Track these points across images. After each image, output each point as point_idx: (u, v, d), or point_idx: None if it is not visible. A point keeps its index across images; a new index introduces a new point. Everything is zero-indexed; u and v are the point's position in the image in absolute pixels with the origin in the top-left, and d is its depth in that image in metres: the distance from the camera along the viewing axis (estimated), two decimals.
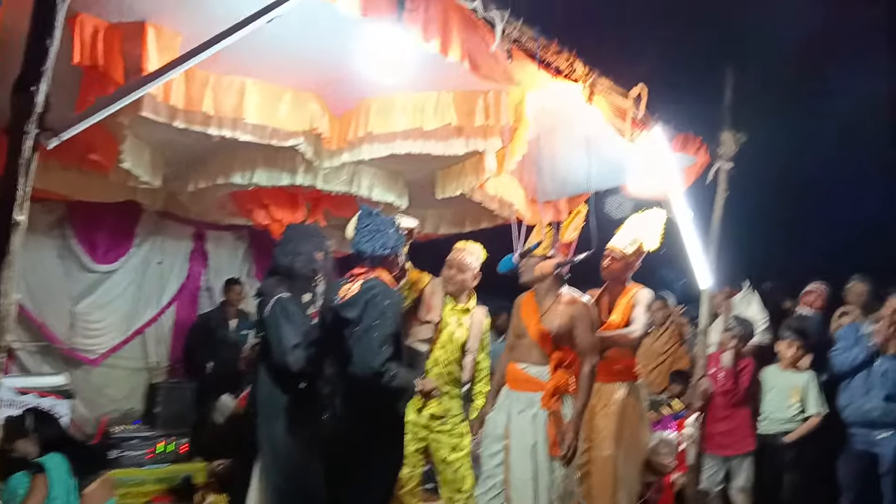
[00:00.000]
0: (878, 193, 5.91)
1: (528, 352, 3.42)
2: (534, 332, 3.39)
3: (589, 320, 3.38)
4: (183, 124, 3.46)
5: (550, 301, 3.42)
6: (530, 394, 3.34)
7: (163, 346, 6.03)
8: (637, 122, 3.92)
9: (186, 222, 6.05)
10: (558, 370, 3.33)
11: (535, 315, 3.42)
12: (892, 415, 4.28)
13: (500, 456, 3.37)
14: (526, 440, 3.30)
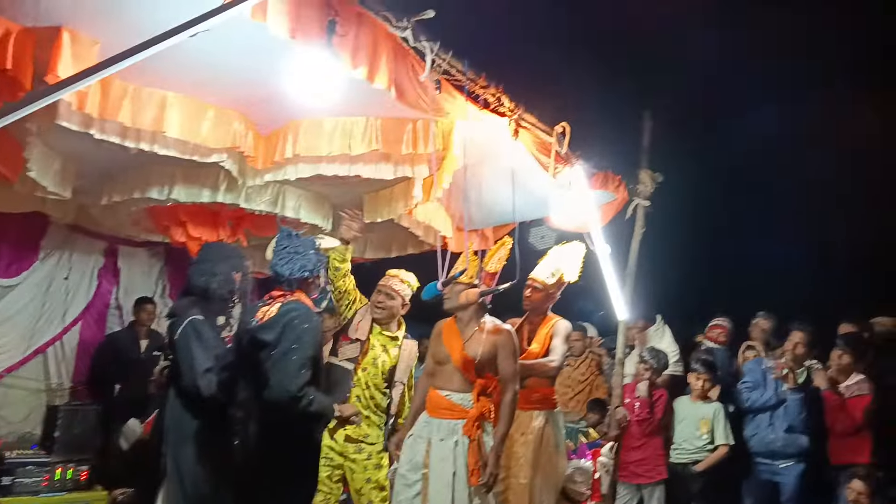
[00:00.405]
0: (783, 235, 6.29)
1: (450, 378, 3.41)
2: (457, 359, 3.39)
3: (511, 348, 3.43)
4: (98, 134, 3.33)
5: (473, 329, 3.45)
6: (452, 421, 3.33)
7: (65, 366, 5.70)
8: (560, 158, 4.04)
9: (98, 237, 5.78)
10: (482, 398, 3.34)
11: (458, 342, 3.43)
12: (794, 446, 4.51)
13: (418, 485, 3.32)
14: (446, 469, 3.28)
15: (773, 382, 4.67)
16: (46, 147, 3.83)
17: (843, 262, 5.80)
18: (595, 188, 4.56)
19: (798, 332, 4.61)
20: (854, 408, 4.45)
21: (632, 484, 4.76)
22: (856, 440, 4.45)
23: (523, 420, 3.98)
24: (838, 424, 4.46)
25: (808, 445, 4.50)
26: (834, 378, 4.59)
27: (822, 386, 4.54)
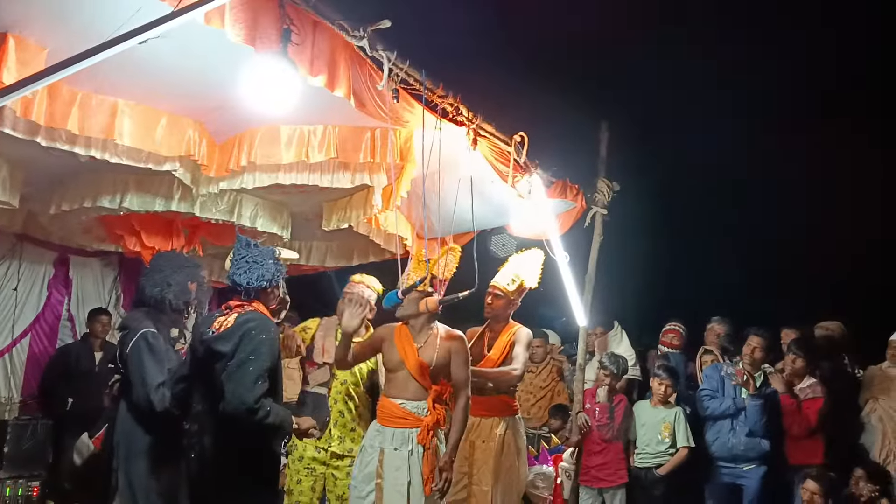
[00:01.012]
0: (733, 242, 6.46)
1: (404, 386, 3.35)
2: (412, 366, 3.34)
3: (464, 355, 3.42)
4: (45, 142, 3.24)
5: (426, 335, 3.42)
6: (406, 430, 3.29)
7: (14, 379, 5.53)
8: (518, 167, 4.08)
9: (48, 246, 5.63)
10: (437, 405, 3.32)
11: (412, 348, 3.38)
12: (756, 450, 4.59)
13: (371, 496, 3.28)
14: (400, 478, 3.24)
15: (731, 390, 4.75)
16: None
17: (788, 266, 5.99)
18: (553, 197, 4.60)
19: (755, 337, 4.69)
20: (808, 410, 4.57)
21: (593, 488, 4.79)
22: (810, 442, 4.57)
23: (484, 427, 4.00)
24: (794, 427, 4.56)
25: (769, 449, 4.59)
26: (790, 381, 4.71)
27: (780, 389, 4.64)
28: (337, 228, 4.53)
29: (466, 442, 4.00)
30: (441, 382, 3.36)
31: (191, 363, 3.09)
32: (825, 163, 5.85)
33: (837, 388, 4.79)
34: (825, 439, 4.58)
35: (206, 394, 2.95)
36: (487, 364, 4.02)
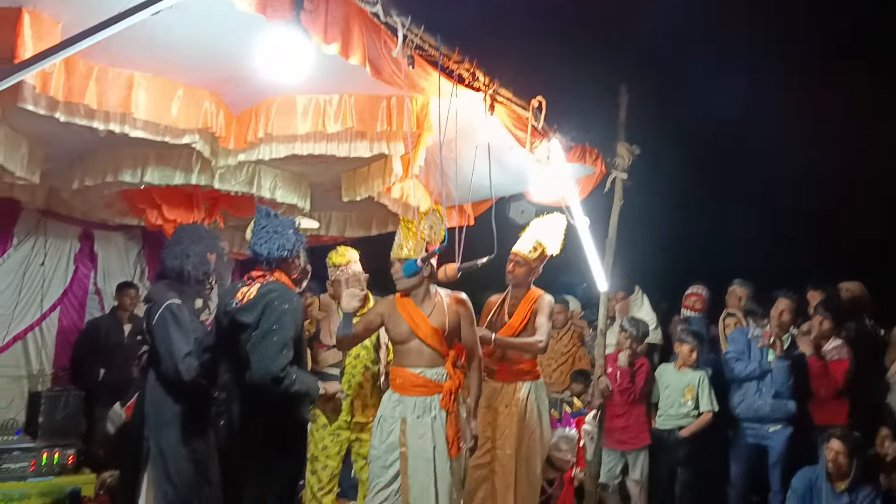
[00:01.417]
0: (757, 204, 6.36)
1: (419, 355, 3.34)
2: (426, 334, 3.32)
3: (471, 317, 3.44)
4: (64, 117, 3.25)
5: (431, 302, 3.38)
6: (427, 398, 3.30)
7: (46, 352, 5.67)
8: (536, 133, 4.02)
9: (72, 221, 5.71)
10: (456, 369, 3.33)
11: (420, 316, 3.35)
12: (782, 411, 4.59)
13: (396, 465, 3.29)
14: (425, 446, 3.26)
15: (757, 352, 4.74)
16: (12, 130, 3.75)
17: (809, 229, 5.89)
18: (572, 162, 4.55)
19: (783, 300, 4.67)
20: (835, 371, 4.55)
21: (616, 451, 4.83)
22: (835, 402, 4.56)
23: (507, 392, 4.03)
24: (822, 389, 4.55)
25: (795, 410, 4.58)
26: (817, 343, 4.68)
27: (808, 352, 4.62)
28: (357, 199, 4.53)
29: (489, 407, 4.04)
30: (455, 346, 3.39)
31: (216, 333, 3.14)
32: (848, 126, 5.71)
33: (862, 348, 4.76)
34: (850, 400, 4.56)
35: (232, 363, 3.01)
36: (508, 331, 4.04)
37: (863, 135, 5.66)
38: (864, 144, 5.66)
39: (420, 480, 3.25)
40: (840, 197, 5.87)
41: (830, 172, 5.68)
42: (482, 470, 3.98)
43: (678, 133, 5.84)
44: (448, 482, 3.28)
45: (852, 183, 5.74)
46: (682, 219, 6.24)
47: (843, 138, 5.63)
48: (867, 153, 5.64)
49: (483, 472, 3.98)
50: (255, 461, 2.95)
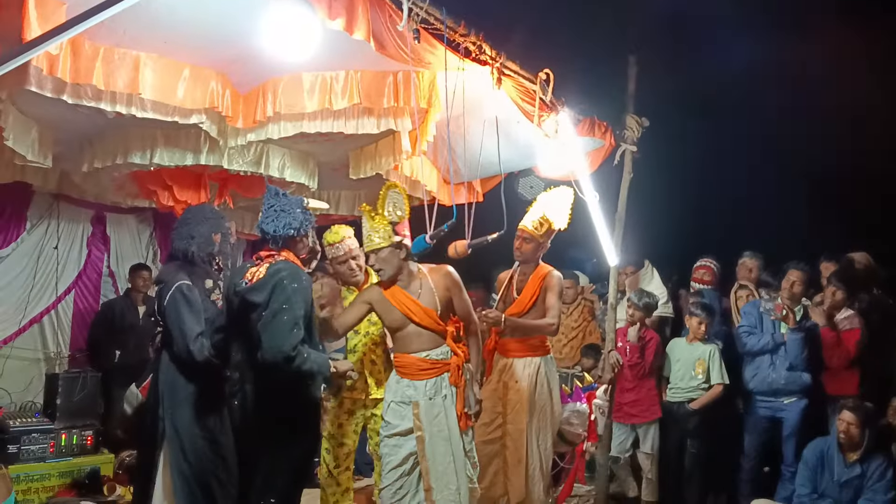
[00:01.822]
0: (767, 174, 6.28)
1: (419, 339, 3.33)
2: (421, 318, 3.30)
3: (459, 285, 3.39)
4: (72, 99, 3.26)
5: (417, 283, 3.35)
6: (435, 378, 3.32)
7: (62, 335, 5.75)
8: (544, 106, 3.99)
9: (84, 204, 5.75)
10: (457, 344, 3.35)
11: (411, 301, 3.31)
12: (797, 383, 4.59)
13: (408, 447, 3.31)
14: (441, 426, 3.29)
15: (769, 326, 4.72)
16: (21, 115, 3.77)
17: (823, 199, 5.82)
18: (581, 135, 4.52)
19: (795, 271, 4.64)
20: (848, 341, 4.54)
21: (626, 424, 4.86)
22: (846, 373, 4.56)
23: (517, 367, 4.05)
24: (834, 359, 4.55)
25: (810, 382, 4.58)
26: (829, 314, 4.66)
27: (821, 322, 4.60)
28: (364, 176, 4.52)
29: (500, 382, 4.06)
30: (451, 320, 3.38)
31: (227, 314, 3.17)
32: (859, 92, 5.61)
33: (875, 319, 4.74)
34: (861, 370, 4.55)
35: (243, 343, 3.03)
36: (517, 307, 4.04)
37: (879, 102, 5.56)
38: (882, 112, 5.56)
39: (440, 461, 3.28)
40: (855, 166, 5.79)
41: (847, 142, 5.60)
42: (493, 445, 4.01)
43: (688, 104, 5.76)
44: (463, 458, 3.32)
45: (870, 151, 5.65)
46: (693, 191, 6.18)
47: (860, 107, 5.53)
48: (886, 121, 5.54)
49: (494, 448, 4.02)
50: (268, 439, 2.98)
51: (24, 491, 4.44)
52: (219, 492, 3.12)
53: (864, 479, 4.20)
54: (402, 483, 3.33)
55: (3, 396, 5.24)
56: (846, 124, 5.59)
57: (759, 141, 6.13)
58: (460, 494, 3.28)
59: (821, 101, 5.62)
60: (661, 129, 5.07)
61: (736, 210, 6.21)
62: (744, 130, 6.03)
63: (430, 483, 3.27)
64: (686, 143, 5.85)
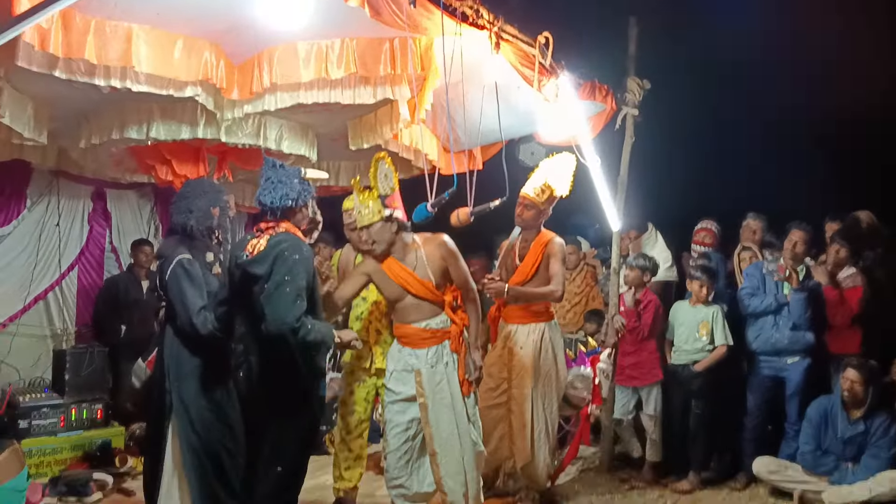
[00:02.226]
0: (769, 136, 6.21)
1: (417, 310, 3.36)
2: (417, 290, 3.33)
3: (454, 253, 3.38)
4: (65, 74, 3.22)
5: (412, 254, 3.36)
6: (436, 346, 3.36)
7: (67, 311, 5.79)
8: (544, 70, 3.94)
9: (83, 181, 5.73)
10: (456, 311, 3.38)
11: (406, 273, 3.33)
12: (800, 343, 4.59)
13: (411, 413, 3.37)
14: (443, 393, 3.34)
15: (772, 286, 4.71)
16: (16, 92, 3.73)
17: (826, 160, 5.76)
18: (582, 99, 4.46)
19: (797, 231, 4.62)
20: (850, 299, 4.54)
21: (628, 387, 4.89)
22: (849, 331, 4.56)
23: (521, 333, 4.07)
24: (837, 317, 4.54)
25: (813, 341, 4.59)
26: (832, 272, 4.65)
27: (823, 281, 4.59)
28: (364, 147, 4.49)
29: (505, 349, 4.09)
30: (447, 289, 3.40)
31: (229, 286, 3.17)
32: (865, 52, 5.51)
33: (878, 276, 4.73)
34: (864, 328, 4.56)
35: (246, 315, 3.03)
36: (520, 275, 4.05)
37: (883, 63, 5.47)
38: (883, 70, 5.47)
39: (444, 427, 3.33)
40: (857, 125, 5.72)
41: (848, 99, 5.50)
42: (499, 410, 4.06)
43: (690, 66, 5.66)
44: (466, 423, 3.36)
45: (873, 110, 5.56)
46: (696, 153, 6.11)
47: (861, 66, 5.45)
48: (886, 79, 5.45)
49: (500, 412, 4.06)
50: (275, 410, 3.00)
51: (37, 465, 4.51)
52: (227, 462, 3.15)
53: (868, 436, 4.25)
54: (407, 448, 3.40)
55: (12, 373, 5.29)
56: (851, 83, 5.51)
57: (762, 102, 6.04)
58: (464, 459, 3.34)
59: (825, 62, 5.52)
60: (662, 92, 5.00)
61: (741, 171, 6.14)
62: (747, 91, 5.94)
63: (434, 448, 3.34)
64: (688, 105, 5.76)
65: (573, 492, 4.52)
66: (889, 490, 4.01)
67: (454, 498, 3.33)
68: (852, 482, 4.17)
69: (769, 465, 4.45)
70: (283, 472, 2.94)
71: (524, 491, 4.10)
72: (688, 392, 4.72)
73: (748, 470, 4.59)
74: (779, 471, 4.42)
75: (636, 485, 4.65)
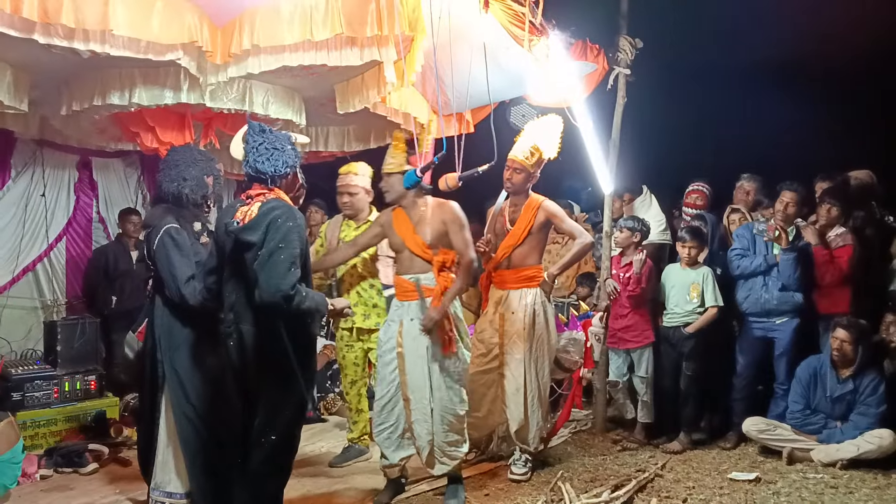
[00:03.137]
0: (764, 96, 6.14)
1: (410, 263, 3.59)
2: (412, 245, 3.54)
3: (459, 221, 3.54)
4: (43, 38, 3.13)
5: (419, 213, 3.57)
6: (418, 301, 3.52)
7: (57, 282, 5.74)
8: (534, 29, 3.85)
9: (68, 150, 5.64)
10: (442, 273, 3.50)
11: (409, 227, 3.56)
12: (789, 303, 4.62)
13: (394, 363, 3.59)
14: (418, 345, 3.52)
15: (762, 247, 4.71)
16: None
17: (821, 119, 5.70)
18: (573, 59, 4.38)
19: (788, 192, 4.60)
20: (840, 258, 4.54)
21: (621, 350, 4.92)
22: (838, 290, 4.58)
23: (513, 298, 4.07)
24: (827, 276, 4.55)
25: (801, 301, 4.61)
26: (822, 232, 4.65)
27: (813, 242, 4.59)
28: (352, 111, 4.41)
29: (496, 314, 4.09)
30: (441, 251, 3.52)
31: (218, 254, 3.11)
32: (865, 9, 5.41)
33: (868, 235, 4.73)
34: (853, 287, 4.58)
35: (238, 284, 2.98)
36: (511, 239, 4.04)
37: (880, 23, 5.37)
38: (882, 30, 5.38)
39: (416, 377, 3.55)
40: (853, 82, 5.65)
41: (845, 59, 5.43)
42: (491, 374, 4.08)
43: (683, 23, 5.55)
44: (440, 377, 3.53)
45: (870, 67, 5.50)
46: (689, 113, 6.04)
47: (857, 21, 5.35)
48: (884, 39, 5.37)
49: (492, 377, 4.08)
50: (268, 378, 2.96)
51: (32, 436, 4.52)
52: (222, 430, 3.16)
53: (857, 395, 4.30)
54: (389, 398, 3.63)
55: (3, 345, 5.27)
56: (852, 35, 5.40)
57: (758, 59, 5.94)
58: (433, 411, 3.54)
59: (825, 16, 5.41)
60: (655, 51, 4.91)
61: (735, 132, 6.09)
62: (742, 49, 5.83)
63: (406, 394, 3.57)
64: (681, 64, 5.68)
65: (566, 454, 4.57)
66: (877, 447, 4.08)
67: (420, 443, 3.58)
68: (840, 441, 4.23)
69: (758, 425, 4.50)
70: (276, 440, 2.93)
71: (517, 454, 4.14)
72: (679, 354, 4.75)
73: (738, 430, 4.65)
74: (768, 430, 4.47)
75: (628, 445, 4.71)
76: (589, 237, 4.11)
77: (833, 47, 5.45)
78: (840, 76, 5.68)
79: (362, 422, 4.35)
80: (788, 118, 5.67)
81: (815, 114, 5.61)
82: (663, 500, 3.72)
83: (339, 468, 4.24)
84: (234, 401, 3.17)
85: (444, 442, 3.59)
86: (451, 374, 3.56)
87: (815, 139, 5.65)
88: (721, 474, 4.14)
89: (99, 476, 4.11)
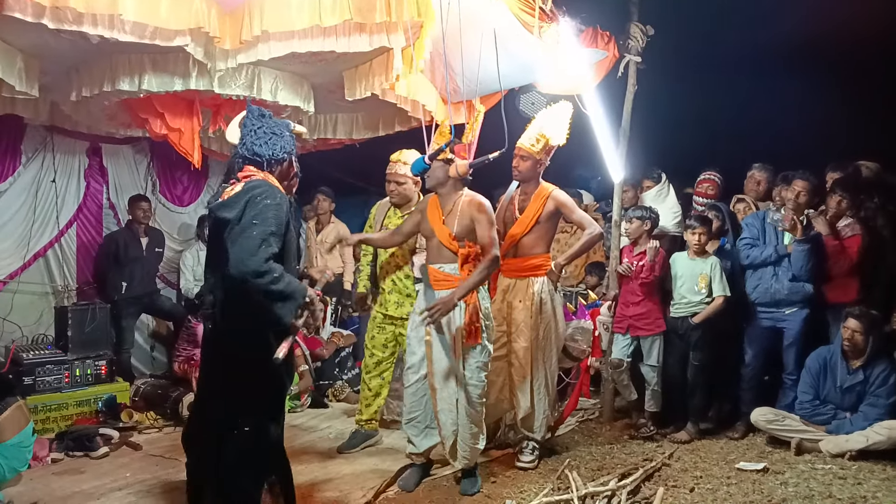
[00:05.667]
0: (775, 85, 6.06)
1: (438, 252, 3.62)
2: (440, 234, 3.57)
3: (487, 218, 3.54)
4: (52, 23, 3.13)
5: (452, 203, 3.59)
6: (447, 290, 3.51)
7: (67, 268, 5.78)
8: (545, 16, 3.82)
9: (78, 136, 5.65)
10: (466, 265, 3.51)
11: (439, 217, 3.59)
12: (799, 294, 4.59)
13: (422, 351, 3.62)
14: (445, 334, 3.53)
15: (772, 237, 4.68)
16: (5, 44, 3.65)
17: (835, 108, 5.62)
18: (584, 46, 4.35)
19: (799, 181, 4.56)
20: (850, 248, 4.51)
21: (628, 335, 4.89)
22: (847, 280, 4.55)
23: (521, 287, 4.07)
24: (836, 267, 4.52)
25: (811, 292, 4.58)
26: (832, 222, 4.61)
27: (824, 231, 4.55)
28: (360, 97, 4.39)
29: (504, 302, 4.09)
30: (466, 244, 3.54)
31: (208, 238, 3.02)
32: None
33: (878, 225, 4.68)
34: (862, 277, 4.54)
35: (217, 265, 2.76)
36: (520, 227, 4.05)
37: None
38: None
39: (443, 366, 3.56)
40: (868, 68, 5.57)
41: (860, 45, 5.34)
42: (499, 362, 4.08)
43: (694, 10, 5.48)
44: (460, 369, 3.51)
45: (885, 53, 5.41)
46: (701, 101, 5.97)
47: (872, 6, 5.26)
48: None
49: (500, 365, 4.08)
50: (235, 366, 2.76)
51: (43, 420, 4.57)
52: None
53: (867, 385, 4.28)
54: (418, 387, 3.68)
55: (15, 330, 5.31)
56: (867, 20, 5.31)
57: (771, 47, 5.86)
58: (458, 401, 3.56)
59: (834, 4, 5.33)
60: (666, 38, 4.86)
61: (747, 121, 6.01)
62: (754, 37, 5.76)
63: (433, 384, 3.59)
64: (693, 51, 5.61)
65: (573, 442, 4.58)
66: (887, 438, 4.05)
67: (445, 431, 3.61)
68: (850, 431, 4.21)
69: (767, 415, 4.48)
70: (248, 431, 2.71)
71: (525, 442, 4.15)
72: (686, 344, 4.73)
73: (746, 420, 4.64)
74: (776, 420, 4.46)
75: (645, 433, 4.68)
76: (598, 228, 4.09)
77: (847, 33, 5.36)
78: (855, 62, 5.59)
79: (376, 405, 4.34)
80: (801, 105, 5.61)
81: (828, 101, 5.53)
82: (670, 489, 3.72)
83: (347, 454, 4.26)
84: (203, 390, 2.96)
85: (469, 434, 3.60)
86: (474, 363, 3.57)
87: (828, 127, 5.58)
88: (729, 464, 4.13)
89: (109, 460, 4.15)
